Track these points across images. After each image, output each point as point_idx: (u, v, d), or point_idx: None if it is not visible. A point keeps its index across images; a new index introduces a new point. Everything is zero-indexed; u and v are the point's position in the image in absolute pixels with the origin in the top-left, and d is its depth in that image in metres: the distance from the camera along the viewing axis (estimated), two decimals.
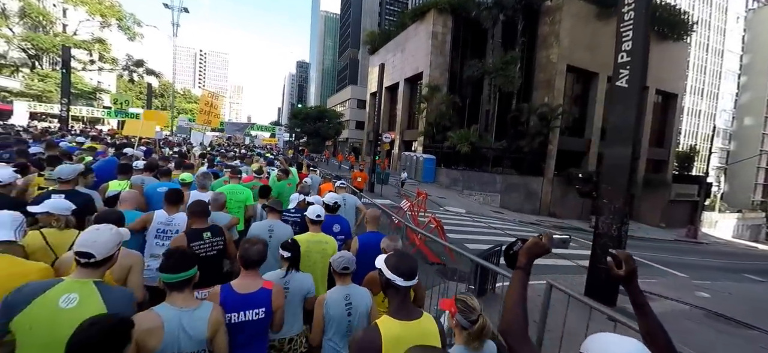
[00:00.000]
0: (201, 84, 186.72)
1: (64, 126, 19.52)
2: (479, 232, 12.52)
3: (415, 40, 32.11)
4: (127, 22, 39.30)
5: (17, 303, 1.39)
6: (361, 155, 44.13)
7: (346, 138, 53.78)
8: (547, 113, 23.23)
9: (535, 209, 23.61)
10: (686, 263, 13.87)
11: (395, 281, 1.56)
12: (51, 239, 2.17)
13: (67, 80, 19.35)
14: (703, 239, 23.71)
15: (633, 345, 0.92)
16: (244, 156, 11.17)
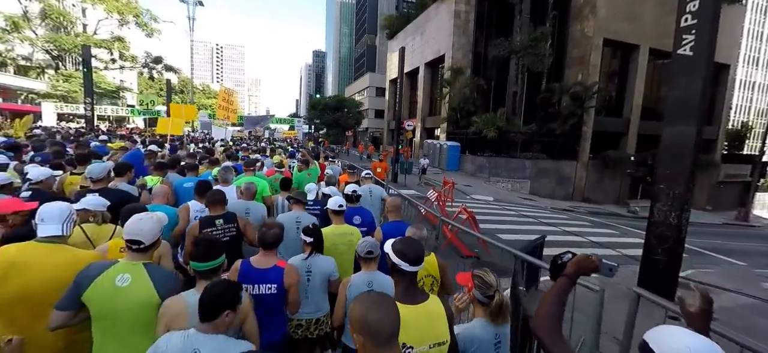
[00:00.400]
0: (219, 78, 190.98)
1: (90, 125, 20.29)
2: (511, 221, 12.04)
3: (436, 21, 31.24)
4: (144, 19, 40.37)
5: (84, 280, 1.67)
6: (382, 144, 43.88)
7: (366, 128, 53.52)
8: (581, 92, 22.06)
9: (568, 194, 22.69)
10: (740, 249, 12.85)
11: (401, 265, 1.60)
12: (90, 233, 2.38)
13: (89, 79, 19.93)
14: (756, 222, 22.04)
15: (706, 343, 0.89)
16: (264, 149, 11.33)
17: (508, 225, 11.15)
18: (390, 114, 45.01)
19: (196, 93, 73.46)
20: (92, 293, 1.66)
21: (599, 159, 23.49)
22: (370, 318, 1.15)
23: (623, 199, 23.40)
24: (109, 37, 39.93)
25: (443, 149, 25.78)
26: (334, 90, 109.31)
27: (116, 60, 42.18)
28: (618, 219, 16.95)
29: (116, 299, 1.67)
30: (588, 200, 22.57)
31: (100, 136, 10.89)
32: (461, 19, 28.15)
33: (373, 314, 1.16)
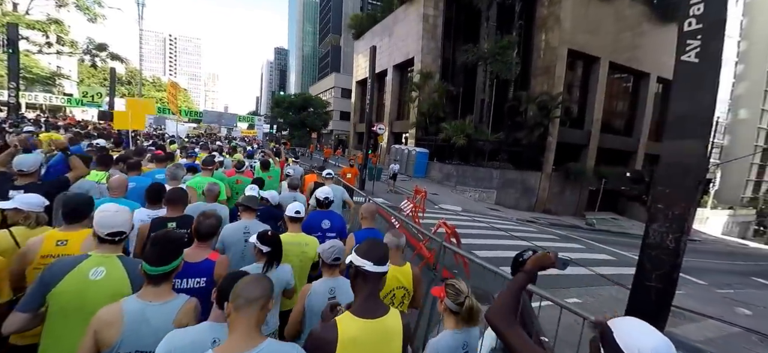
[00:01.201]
0: (173, 71, 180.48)
1: (13, 115, 17.72)
2: (484, 235, 11.72)
3: (404, 24, 31.01)
4: (86, 2, 36.82)
5: (52, 278, 1.64)
6: (348, 148, 42.92)
7: (331, 130, 52.32)
8: (547, 101, 22.58)
9: (531, 205, 23.09)
10: (696, 266, 13.39)
11: (364, 267, 1.52)
12: (21, 239, 2.15)
13: (15, 62, 17.61)
14: (695, 236, 23.70)
15: (662, 340, 0.94)
16: (221, 149, 10.79)
17: (481, 240, 10.79)
18: (356, 116, 44.22)
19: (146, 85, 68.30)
20: (62, 288, 1.63)
21: (561, 171, 24.18)
22: (239, 289, 1.35)
23: (581, 211, 24.27)
24: (44, 18, 35.93)
25: (411, 155, 25.42)
26: (298, 89, 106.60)
27: (52, 44, 38.11)
28: (578, 231, 17.36)
29: (88, 292, 1.66)
30: (548, 211, 23.10)
31: (26, 127, 9.47)
32: (430, 23, 28.12)
33: (242, 283, 1.37)
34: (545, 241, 12.45)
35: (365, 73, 40.62)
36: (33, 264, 1.97)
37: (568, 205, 24.03)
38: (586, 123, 25.92)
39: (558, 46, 23.47)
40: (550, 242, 12.43)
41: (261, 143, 28.89)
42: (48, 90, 38.04)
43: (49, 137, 7.50)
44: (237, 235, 2.87)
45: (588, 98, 26.03)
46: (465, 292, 1.75)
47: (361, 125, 43.00)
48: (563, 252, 7.40)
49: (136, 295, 1.63)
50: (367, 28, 40.90)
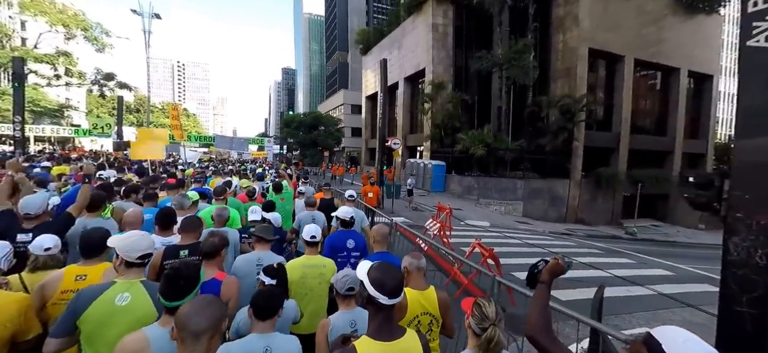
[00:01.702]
0: (182, 97, 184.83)
1: (19, 148, 17.67)
2: (519, 253, 10.70)
3: (413, 35, 30.66)
4: (94, 32, 37.60)
5: (80, 305, 1.74)
6: (360, 164, 42.40)
7: (343, 147, 51.96)
8: (569, 105, 21.63)
9: (561, 216, 21.92)
10: None
11: (378, 299, 1.51)
12: (29, 282, 2.17)
13: (20, 95, 17.54)
14: None
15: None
16: (231, 173, 11.00)
17: (518, 259, 9.79)
18: (368, 132, 43.80)
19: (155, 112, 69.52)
20: (91, 313, 1.73)
21: (591, 177, 23.03)
22: (184, 318, 1.35)
23: (616, 219, 22.97)
24: (53, 52, 36.79)
25: (428, 169, 24.59)
26: (306, 108, 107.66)
27: (61, 76, 38.98)
28: (619, 243, 16.18)
29: (115, 317, 1.75)
30: (581, 221, 21.88)
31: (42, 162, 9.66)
32: (439, 33, 27.67)
33: (192, 316, 1.36)
34: (588, 257, 11.37)
35: (374, 87, 40.51)
36: (52, 300, 2.03)
37: (602, 213, 22.78)
38: (613, 125, 24.80)
39: (578, 47, 22.62)
40: (593, 258, 11.34)
41: (271, 164, 28.62)
42: (56, 122, 38.27)
43: (60, 171, 7.65)
44: (250, 267, 2.80)
45: (614, 99, 24.96)
46: (491, 319, 1.57)
47: (372, 141, 42.53)
48: (613, 269, 9.98)
49: (158, 323, 1.67)
50: (374, 42, 40.79)
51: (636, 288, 8.14)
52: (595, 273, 9.15)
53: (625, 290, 7.90)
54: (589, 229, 19.61)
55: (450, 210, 11.34)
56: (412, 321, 2.20)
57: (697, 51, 26.13)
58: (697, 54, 26.23)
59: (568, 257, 1.64)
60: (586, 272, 9.08)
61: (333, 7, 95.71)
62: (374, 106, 42.07)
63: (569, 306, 5.83)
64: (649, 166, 24.46)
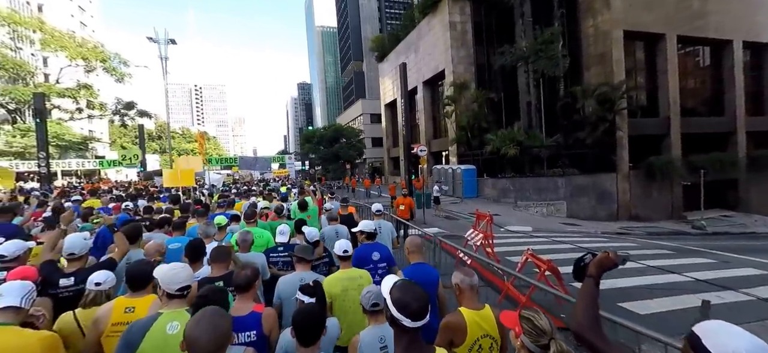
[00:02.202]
0: (200, 121, 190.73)
1: (46, 184, 17.94)
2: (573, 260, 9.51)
3: (430, 37, 29.91)
4: (113, 63, 38.80)
5: (134, 337, 1.83)
6: (384, 174, 41.69)
7: (364, 158, 51.49)
8: (608, 93, 20.12)
9: (612, 213, 20.27)
10: None
11: (402, 321, 1.44)
12: (82, 319, 2.24)
13: (42, 131, 17.90)
14: None
15: (758, 341, 0.92)
16: (261, 193, 11.32)
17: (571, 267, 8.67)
18: (389, 141, 43.14)
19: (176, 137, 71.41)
20: (146, 345, 1.81)
21: (641, 168, 21.30)
22: (188, 333, 1.38)
23: (677, 212, 21.09)
24: (74, 86, 38.21)
25: (457, 174, 23.53)
26: (324, 122, 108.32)
27: (83, 109, 40.42)
28: (688, 239, 14.56)
29: (168, 347, 1.82)
30: (636, 217, 20.14)
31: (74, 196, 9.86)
32: (458, 31, 26.79)
33: (193, 330, 1.38)
34: (657, 258, 9.97)
35: (393, 94, 39.97)
36: (105, 333, 2.10)
37: (659, 207, 20.93)
38: (660, 109, 22.97)
39: (611, 30, 21.17)
40: (664, 259, 9.93)
41: (294, 182, 28.44)
42: (81, 155, 39.58)
43: (90, 204, 7.91)
44: (293, 288, 2.73)
45: (658, 81, 23.17)
46: (548, 332, 1.37)
47: (395, 150, 41.85)
48: (691, 271, 8.41)
49: None
50: (390, 48, 40.30)
51: (727, 294, 6.91)
52: (671, 277, 7.86)
53: (716, 296, 6.69)
54: (648, 226, 17.92)
55: (490, 217, 10.34)
56: (473, 346, 2.05)
57: (758, 18, 24.05)
58: (756, 21, 24.10)
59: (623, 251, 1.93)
60: (660, 277, 7.86)
61: (345, 17, 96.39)
62: (394, 114, 41.56)
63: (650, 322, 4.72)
64: (708, 150, 22.38)
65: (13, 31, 34.87)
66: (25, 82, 35.27)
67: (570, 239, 12.49)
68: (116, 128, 57.01)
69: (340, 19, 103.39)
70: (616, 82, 20.27)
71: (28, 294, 1.93)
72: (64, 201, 8.67)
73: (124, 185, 21.96)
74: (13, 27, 34.17)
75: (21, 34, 36.43)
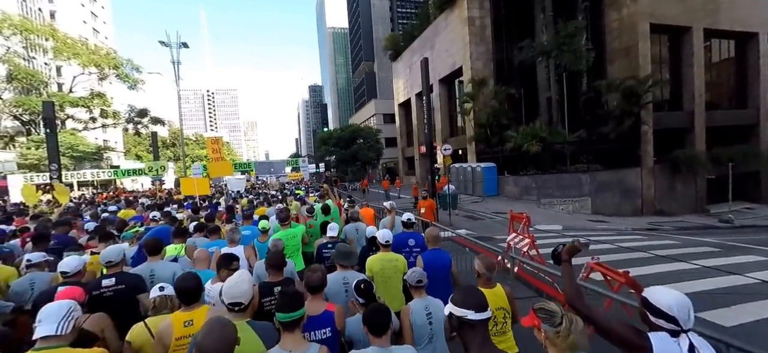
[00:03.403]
0: (213, 126, 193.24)
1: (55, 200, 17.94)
2: (619, 261, 9.28)
3: (446, 33, 29.89)
4: (125, 70, 38.94)
5: None
6: (399, 175, 41.72)
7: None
8: (634, 87, 19.92)
9: (637, 208, 20.06)
10: None
11: (467, 316, 1.57)
12: (153, 328, 2.35)
13: (53, 141, 17.55)
14: None
15: (683, 296, 1.56)
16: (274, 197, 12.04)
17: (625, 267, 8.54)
18: (403, 141, 43.19)
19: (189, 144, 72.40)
20: None
21: (666, 162, 21.02)
22: (201, 343, 1.54)
23: (701, 206, 20.72)
24: (87, 94, 38.02)
25: (477, 173, 23.44)
26: (336, 123, 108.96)
27: (96, 118, 40.22)
28: (719, 234, 14.28)
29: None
30: (660, 212, 19.91)
31: (110, 206, 10.43)
32: (476, 26, 26.70)
33: (205, 339, 1.55)
34: (706, 258, 9.60)
35: (407, 94, 40.02)
36: (171, 348, 2.20)
37: (683, 201, 20.67)
38: (685, 103, 22.67)
39: (638, 23, 21.00)
40: (714, 258, 9.52)
41: (309, 184, 28.58)
42: (96, 165, 39.17)
43: (126, 214, 8.34)
44: (337, 286, 3.18)
45: (683, 75, 22.85)
46: (559, 312, 1.57)
47: (409, 150, 41.86)
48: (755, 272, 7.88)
49: (279, 346, 1.96)
50: (404, 47, 40.32)
51: None
52: (736, 280, 7.28)
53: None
54: (674, 220, 17.70)
55: (527, 218, 10.28)
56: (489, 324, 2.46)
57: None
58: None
59: (585, 239, 2.07)
60: (721, 279, 7.29)
61: (356, 18, 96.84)
62: (408, 113, 41.60)
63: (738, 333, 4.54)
64: (730, 143, 22.02)
65: (26, 39, 34.56)
66: (39, 93, 35.08)
67: (605, 237, 12.25)
68: (130, 136, 57.11)
69: (351, 19, 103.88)
70: (642, 76, 20.05)
71: (66, 315, 1.93)
72: (99, 211, 9.37)
73: (148, 194, 22.03)
74: (25, 35, 33.87)
75: (33, 42, 36.29)
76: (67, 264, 3.07)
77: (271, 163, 35.29)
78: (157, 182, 31.14)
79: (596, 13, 23.40)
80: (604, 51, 22.87)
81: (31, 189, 13.85)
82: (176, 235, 4.64)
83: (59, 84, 43.61)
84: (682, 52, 22.85)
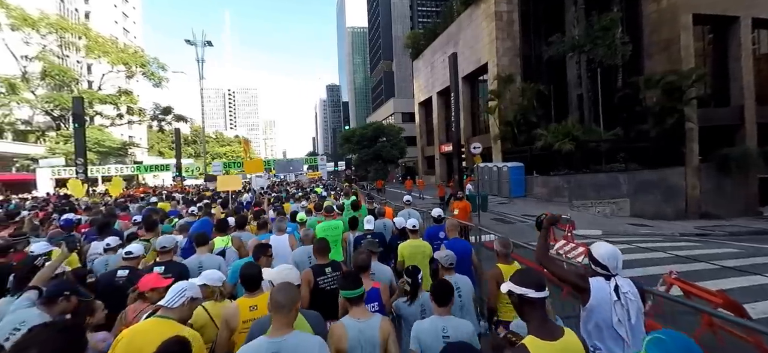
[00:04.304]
0: (232, 124, 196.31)
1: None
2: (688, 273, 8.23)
3: (472, 29, 28.95)
4: (151, 68, 39.90)
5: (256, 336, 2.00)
6: (418, 174, 40.88)
7: None
8: (676, 81, 18.59)
9: (680, 211, 18.70)
10: None
11: (527, 294, 1.68)
12: (212, 312, 2.62)
13: (81, 137, 17.78)
14: None
15: (613, 247, 2.16)
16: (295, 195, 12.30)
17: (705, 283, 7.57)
18: (423, 140, 42.35)
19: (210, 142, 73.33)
20: None
21: (713, 161, 19.57)
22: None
23: (752, 208, 19.20)
24: (115, 92, 39.32)
25: (503, 173, 22.40)
26: (353, 122, 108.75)
27: (123, 115, 41.50)
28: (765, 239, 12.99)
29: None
30: (706, 215, 18.47)
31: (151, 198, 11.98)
32: (504, 21, 25.69)
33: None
34: None
35: (428, 92, 39.20)
36: (238, 329, 2.42)
37: (732, 203, 19.12)
38: (732, 98, 21.10)
39: (679, 14, 19.61)
40: None
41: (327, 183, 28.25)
42: (120, 161, 40.18)
43: (164, 207, 8.90)
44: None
45: (729, 67, 21.28)
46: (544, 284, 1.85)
47: (429, 149, 40.98)
48: None
49: (349, 315, 2.32)
50: (425, 45, 39.55)
51: None
52: None
53: None
54: (724, 224, 16.28)
55: (573, 225, 9.37)
56: None
57: None
58: None
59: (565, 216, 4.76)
60: None
61: (376, 17, 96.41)
62: (428, 111, 40.73)
63: None
64: None
65: (61, 37, 35.94)
66: (70, 90, 36.23)
67: (654, 245, 11.10)
68: (154, 133, 58.65)
69: (370, 18, 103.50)
70: (685, 70, 18.69)
71: (178, 293, 2.18)
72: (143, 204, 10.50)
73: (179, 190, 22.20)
74: (60, 34, 35.19)
75: (67, 41, 37.58)
76: (132, 247, 3.59)
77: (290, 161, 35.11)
78: (178, 179, 31.48)
79: (632, 5, 22.06)
80: (640, 45, 21.53)
81: (78, 183, 15.05)
82: (219, 229, 4.87)
83: (89, 81, 44.82)
84: (728, 43, 21.26)
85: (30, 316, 2.23)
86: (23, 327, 2.10)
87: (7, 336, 2.13)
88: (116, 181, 14.24)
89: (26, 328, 1.89)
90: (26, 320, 2.17)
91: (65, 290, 2.45)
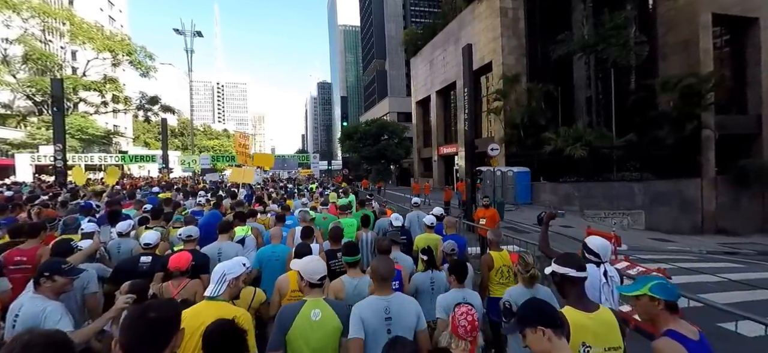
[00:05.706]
0: (221, 118, 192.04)
1: (61, 178, 16.22)
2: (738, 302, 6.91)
3: (474, 26, 27.57)
4: (138, 56, 38.36)
5: (285, 321, 2.11)
6: (414, 176, 39.39)
7: None
8: (695, 85, 17.47)
9: (696, 225, 17.55)
10: None
11: (569, 273, 1.90)
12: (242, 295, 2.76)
13: (59, 122, 16.07)
14: None
15: (605, 241, 2.77)
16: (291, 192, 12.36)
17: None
18: (420, 141, 40.85)
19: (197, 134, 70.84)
20: (295, 331, 2.09)
21: (730, 173, 18.52)
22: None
23: None
24: (100, 79, 37.82)
25: (508, 178, 21.06)
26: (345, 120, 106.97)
27: (108, 103, 39.79)
28: None
29: (313, 332, 2.10)
30: (723, 230, 17.38)
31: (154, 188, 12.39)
32: (509, 18, 24.40)
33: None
34: None
35: (427, 91, 37.65)
36: (287, 296, 2.86)
37: (749, 219, 18.07)
38: (750, 105, 20.10)
39: (698, 13, 18.45)
40: None
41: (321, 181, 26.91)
42: (104, 149, 39.01)
43: (166, 196, 8.89)
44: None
45: (747, 72, 20.26)
46: (531, 264, 2.79)
47: (426, 150, 39.50)
48: None
49: (347, 275, 2.92)
50: (423, 43, 38.10)
51: None
52: None
53: None
54: (744, 241, 15.23)
55: (618, 239, 7.98)
56: (499, 270, 3.70)
57: None
58: None
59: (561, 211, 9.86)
60: None
61: (368, 16, 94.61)
62: (426, 111, 39.25)
63: None
64: None
65: (43, 22, 34.70)
66: (53, 75, 35.03)
67: (684, 265, 9.83)
68: (140, 123, 56.83)
69: (363, 17, 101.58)
70: (704, 74, 17.56)
71: (220, 279, 2.27)
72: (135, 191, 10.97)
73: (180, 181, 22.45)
74: (43, 18, 34.03)
75: (50, 26, 36.24)
76: (149, 237, 3.60)
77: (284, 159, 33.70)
78: (163, 170, 29.92)
79: (645, 2, 20.95)
80: (655, 45, 20.31)
81: (80, 171, 14.98)
82: (239, 218, 5.10)
83: (74, 68, 43.22)
84: (747, 46, 20.23)
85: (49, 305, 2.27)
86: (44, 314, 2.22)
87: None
88: (112, 170, 14.23)
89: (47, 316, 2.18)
90: (46, 308, 2.24)
91: (45, 271, 2.36)
